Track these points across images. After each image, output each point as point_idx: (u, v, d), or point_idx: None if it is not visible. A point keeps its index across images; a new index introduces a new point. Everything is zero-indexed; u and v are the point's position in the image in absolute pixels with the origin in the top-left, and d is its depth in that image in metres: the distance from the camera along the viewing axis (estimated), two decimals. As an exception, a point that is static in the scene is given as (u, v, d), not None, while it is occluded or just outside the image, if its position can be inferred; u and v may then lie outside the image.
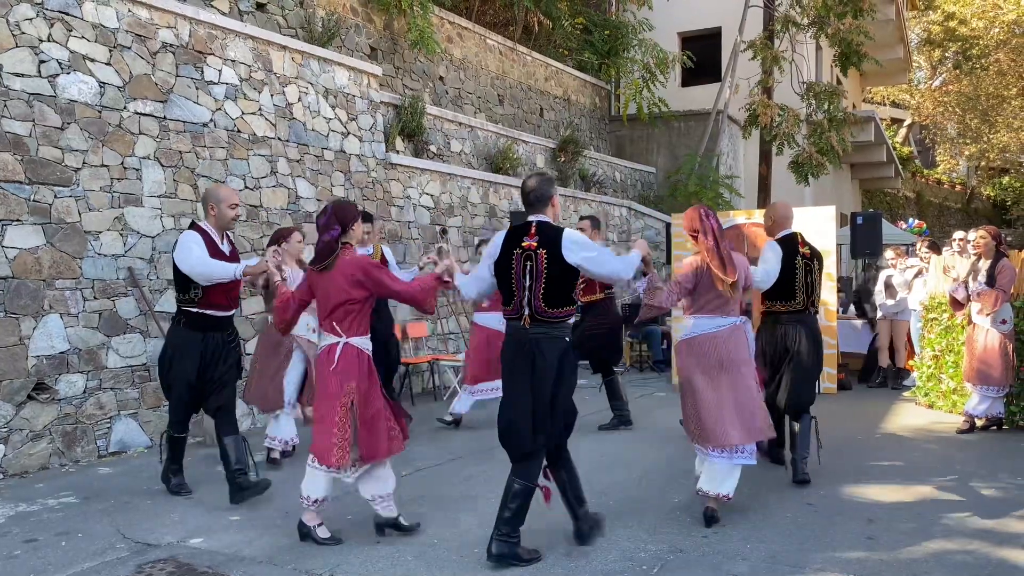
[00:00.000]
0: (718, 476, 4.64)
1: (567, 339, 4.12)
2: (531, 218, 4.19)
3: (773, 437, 5.16)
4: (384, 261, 7.00)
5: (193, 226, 5.10)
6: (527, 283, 4.05)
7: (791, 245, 5.57)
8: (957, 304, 7.30)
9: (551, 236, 4.08)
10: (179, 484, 5.37)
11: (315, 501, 4.33)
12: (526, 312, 4.05)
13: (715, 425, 4.60)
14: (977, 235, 7.30)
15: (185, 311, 5.05)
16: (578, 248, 4.06)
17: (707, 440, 4.64)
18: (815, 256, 5.67)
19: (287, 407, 6.06)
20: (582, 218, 7.49)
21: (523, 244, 4.09)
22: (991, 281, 6.96)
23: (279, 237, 6.07)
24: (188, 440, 5.49)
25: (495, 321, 6.71)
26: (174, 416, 5.24)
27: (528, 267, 4.05)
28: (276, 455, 6.13)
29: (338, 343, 4.27)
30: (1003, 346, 7.01)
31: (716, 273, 4.68)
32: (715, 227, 4.79)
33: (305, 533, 4.37)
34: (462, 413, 7.58)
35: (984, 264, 7.10)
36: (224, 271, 4.89)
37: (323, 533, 4.37)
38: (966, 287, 7.13)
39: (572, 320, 4.25)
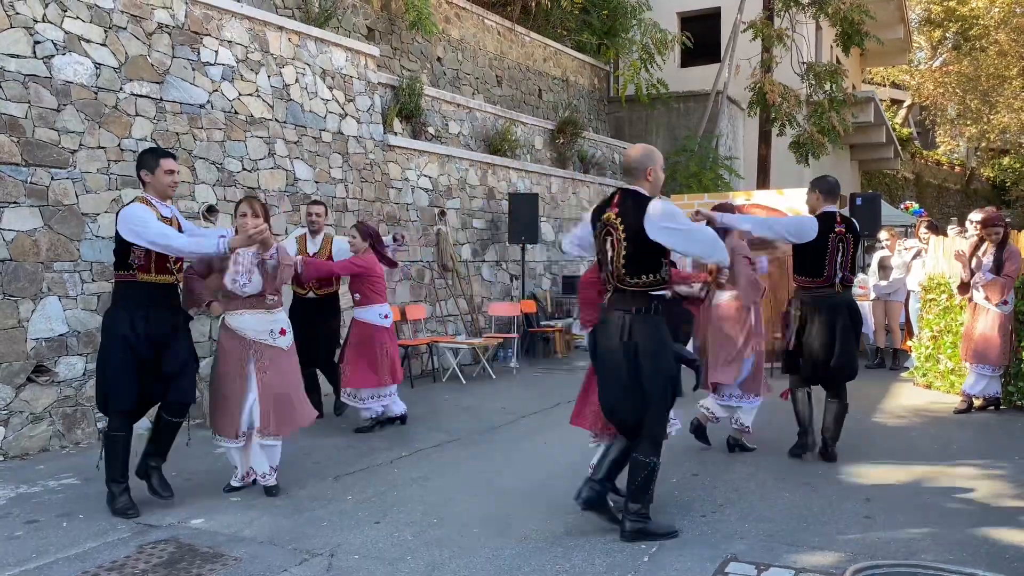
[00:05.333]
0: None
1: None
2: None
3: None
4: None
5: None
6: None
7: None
8: (964, 287, 7.25)
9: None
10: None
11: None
12: None
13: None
14: (990, 227, 7.09)
15: None
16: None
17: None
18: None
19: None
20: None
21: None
22: (999, 266, 6.92)
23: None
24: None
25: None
26: None
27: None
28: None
29: None
30: (1003, 326, 7.00)
31: None
32: None
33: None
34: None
35: (990, 248, 7.04)
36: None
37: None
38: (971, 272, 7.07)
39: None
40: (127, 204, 4.60)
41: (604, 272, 4.17)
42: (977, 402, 7.25)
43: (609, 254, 4.07)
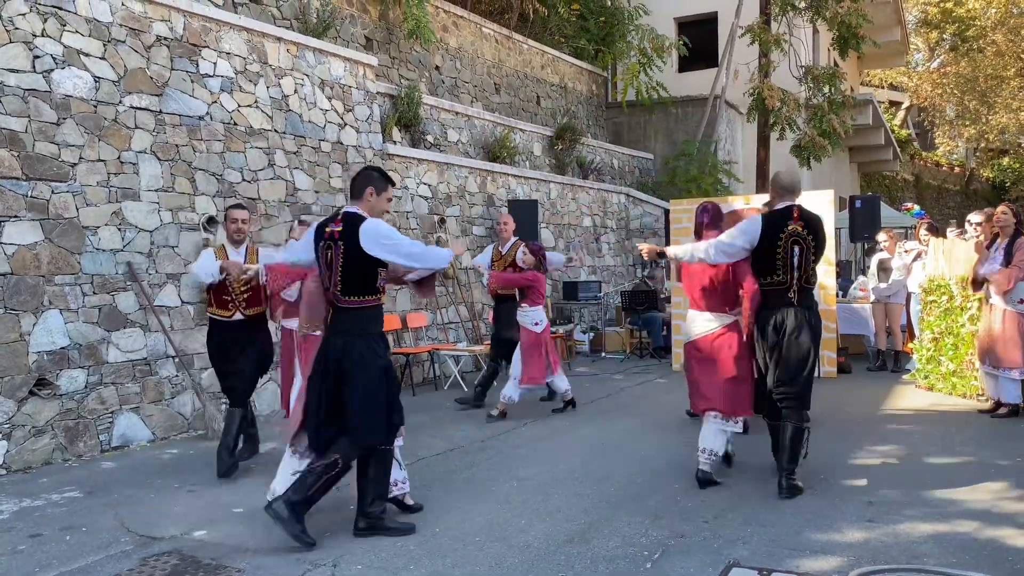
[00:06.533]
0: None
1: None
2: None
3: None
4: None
5: None
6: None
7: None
8: (977, 284, 7.20)
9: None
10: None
11: None
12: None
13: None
14: (999, 210, 7.07)
15: None
16: None
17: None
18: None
19: None
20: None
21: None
22: (1008, 259, 6.85)
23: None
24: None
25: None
26: None
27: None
28: None
29: None
30: (1020, 326, 6.87)
31: None
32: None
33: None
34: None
35: (1001, 242, 7.00)
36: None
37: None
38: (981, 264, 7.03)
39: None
40: (364, 220, 4.15)
41: (782, 276, 4.78)
42: (988, 404, 7.18)
43: (796, 260, 4.75)
